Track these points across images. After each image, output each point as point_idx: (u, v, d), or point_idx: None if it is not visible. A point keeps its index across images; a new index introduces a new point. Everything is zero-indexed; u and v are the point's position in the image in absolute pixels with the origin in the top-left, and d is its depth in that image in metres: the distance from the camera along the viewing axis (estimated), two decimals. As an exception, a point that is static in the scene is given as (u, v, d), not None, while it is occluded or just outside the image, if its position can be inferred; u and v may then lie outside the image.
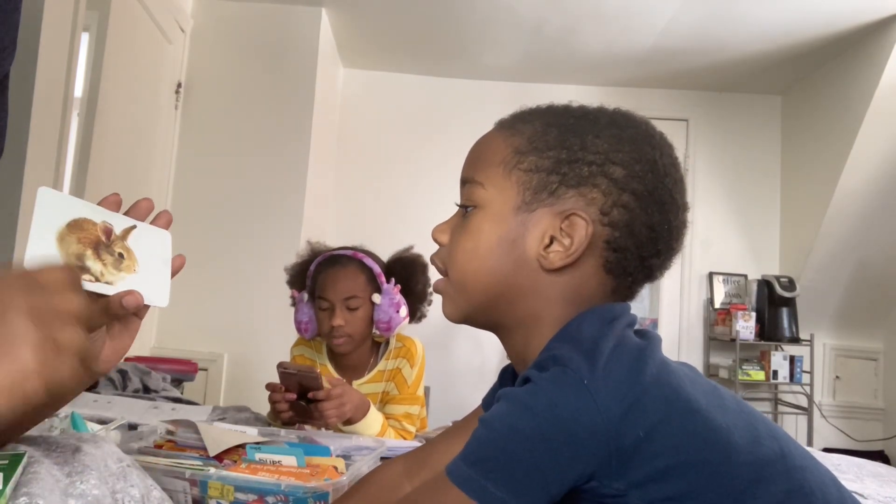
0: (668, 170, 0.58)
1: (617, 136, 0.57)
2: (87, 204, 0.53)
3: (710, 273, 3.52)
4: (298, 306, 1.44)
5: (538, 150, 0.58)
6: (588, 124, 0.59)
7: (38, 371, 0.39)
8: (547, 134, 0.58)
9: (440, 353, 3.24)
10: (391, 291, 1.39)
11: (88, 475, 0.47)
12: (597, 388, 0.48)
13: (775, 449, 0.52)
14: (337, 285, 1.37)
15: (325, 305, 1.38)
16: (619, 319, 0.55)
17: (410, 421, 1.41)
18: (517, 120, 0.62)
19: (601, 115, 0.60)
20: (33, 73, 1.71)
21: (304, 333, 1.44)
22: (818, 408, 3.35)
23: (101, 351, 0.55)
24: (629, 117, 0.61)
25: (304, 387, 1.21)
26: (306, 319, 1.42)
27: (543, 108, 0.62)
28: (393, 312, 1.38)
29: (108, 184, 2.23)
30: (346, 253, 1.42)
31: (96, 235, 0.52)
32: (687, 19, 2.78)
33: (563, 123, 0.59)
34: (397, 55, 3.40)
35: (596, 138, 0.57)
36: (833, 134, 3.07)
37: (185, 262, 0.59)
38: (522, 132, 0.60)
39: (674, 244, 0.60)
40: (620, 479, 0.48)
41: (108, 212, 0.55)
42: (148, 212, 0.58)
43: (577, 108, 0.61)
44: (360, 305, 1.37)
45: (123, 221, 0.55)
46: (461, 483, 0.49)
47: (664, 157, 0.58)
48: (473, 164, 0.62)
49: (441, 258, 0.64)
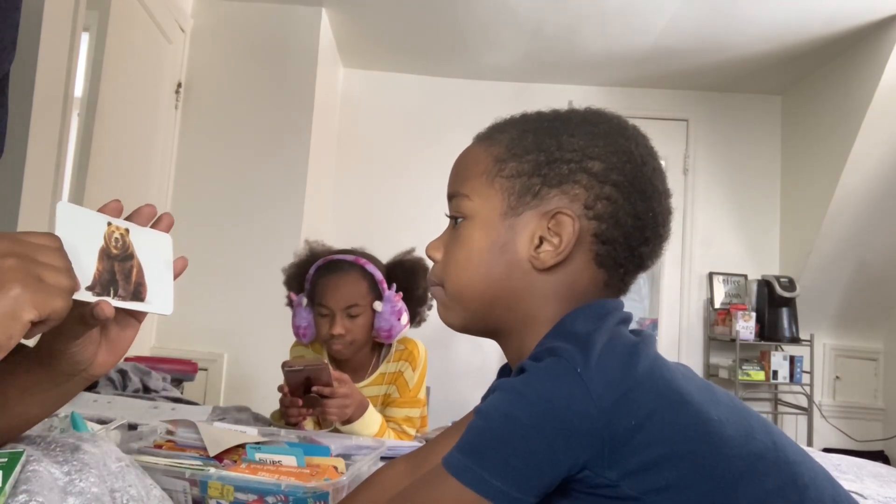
0: (644, 158, 0.60)
1: (591, 133, 0.59)
2: (100, 215, 0.53)
3: (710, 273, 3.52)
4: (297, 310, 1.40)
5: (517, 155, 0.60)
6: (562, 125, 0.60)
7: (30, 299, 0.42)
8: (524, 139, 0.60)
9: (440, 353, 3.23)
10: (393, 299, 1.36)
11: (87, 474, 0.47)
12: (590, 377, 0.49)
13: (768, 443, 0.53)
14: (338, 293, 1.33)
15: (324, 312, 1.35)
16: (612, 315, 0.56)
17: (411, 424, 1.40)
18: (494, 130, 0.64)
19: (573, 115, 0.62)
20: (33, 73, 1.71)
21: (303, 338, 1.41)
22: (818, 408, 3.35)
23: (95, 355, 0.55)
24: (601, 114, 0.62)
25: (312, 380, 1.21)
26: (305, 324, 1.38)
27: (518, 117, 0.64)
28: (394, 321, 1.35)
29: (108, 184, 2.23)
30: (348, 258, 1.38)
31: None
32: (687, 19, 2.78)
33: (538, 127, 0.61)
34: (397, 55, 3.40)
35: (571, 137, 0.59)
36: (833, 134, 3.07)
37: (187, 264, 0.59)
38: (500, 141, 0.62)
39: (661, 231, 0.61)
40: (613, 469, 0.49)
41: (123, 222, 0.54)
42: (151, 217, 0.58)
43: (550, 112, 0.63)
44: (360, 313, 1.34)
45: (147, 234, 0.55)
46: (457, 473, 0.50)
47: (640, 147, 0.60)
48: (457, 178, 0.64)
49: (436, 273, 0.65)
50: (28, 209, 1.71)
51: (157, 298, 0.55)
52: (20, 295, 0.42)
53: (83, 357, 0.54)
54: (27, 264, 0.44)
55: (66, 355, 0.53)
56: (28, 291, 0.43)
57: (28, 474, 0.44)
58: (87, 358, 0.54)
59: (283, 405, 1.25)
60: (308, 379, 1.21)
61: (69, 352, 0.53)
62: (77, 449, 0.50)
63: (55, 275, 0.45)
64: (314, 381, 1.21)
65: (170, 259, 0.58)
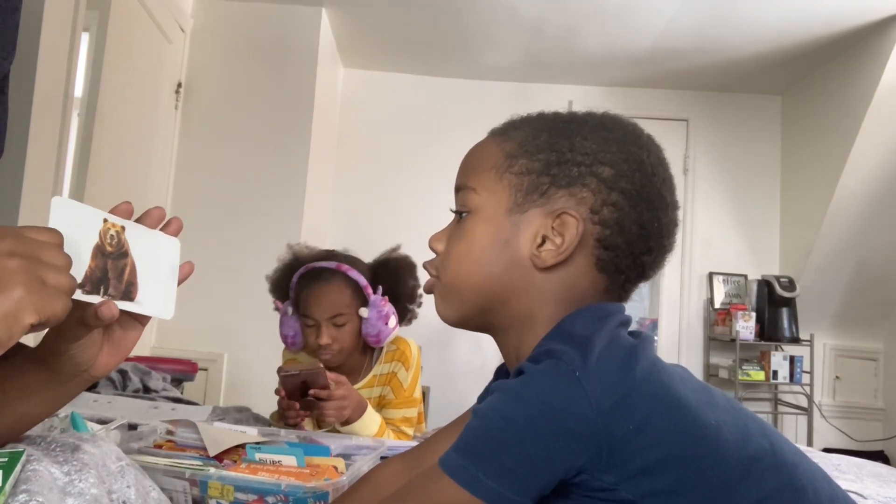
0: (655, 169, 0.59)
1: (605, 138, 0.59)
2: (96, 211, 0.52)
3: (710, 273, 3.52)
4: (283, 319, 1.38)
5: (529, 153, 0.59)
6: (577, 127, 0.60)
7: (32, 302, 0.42)
8: (537, 138, 0.60)
9: (440, 353, 3.24)
10: (379, 304, 1.33)
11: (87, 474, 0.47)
12: (588, 381, 0.49)
13: (765, 446, 0.53)
14: (321, 303, 1.30)
15: (310, 322, 1.32)
16: (611, 317, 0.56)
17: (408, 424, 1.39)
18: (509, 127, 0.64)
19: (590, 118, 0.62)
20: (33, 73, 1.71)
21: (291, 347, 1.38)
22: (818, 408, 3.35)
23: (97, 356, 0.55)
24: (617, 119, 0.62)
25: (309, 384, 1.21)
26: (292, 334, 1.36)
27: (534, 115, 0.64)
28: (381, 325, 1.33)
29: (108, 184, 2.23)
30: (330, 266, 1.34)
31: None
32: (687, 19, 2.78)
33: (553, 127, 0.61)
34: (397, 55, 3.40)
35: (584, 140, 0.58)
36: (833, 134, 3.07)
37: (193, 269, 0.59)
38: (513, 137, 0.61)
39: (665, 242, 0.61)
40: (610, 473, 0.49)
41: (119, 219, 0.54)
42: (160, 220, 0.57)
43: (567, 114, 0.63)
44: (346, 321, 1.32)
45: (132, 228, 0.55)
46: (453, 473, 0.50)
47: (651, 157, 0.60)
48: (466, 171, 0.64)
49: (434, 265, 0.65)
50: (28, 209, 1.71)
51: (157, 302, 0.55)
52: (23, 298, 0.42)
53: (85, 358, 0.54)
54: (31, 265, 0.43)
55: (67, 356, 0.53)
56: (31, 294, 0.42)
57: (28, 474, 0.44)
58: (89, 359, 0.54)
59: (281, 408, 1.24)
60: (304, 383, 1.21)
61: (70, 353, 0.53)
62: (77, 449, 0.50)
63: (57, 275, 0.45)
64: (311, 385, 1.20)
65: (176, 263, 0.57)
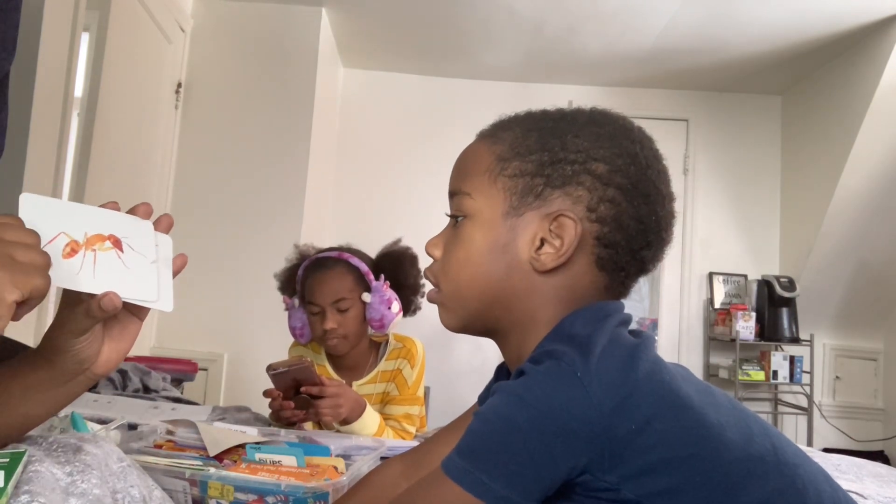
0: (649, 161, 0.59)
1: (596, 134, 0.58)
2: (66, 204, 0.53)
3: (710, 273, 3.52)
4: (291, 312, 1.43)
5: (520, 154, 0.59)
6: (567, 125, 0.60)
7: (10, 279, 0.42)
8: (527, 138, 0.59)
9: (440, 353, 3.24)
10: (381, 289, 1.38)
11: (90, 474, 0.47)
12: (590, 381, 0.48)
13: (767, 446, 0.53)
14: (324, 288, 1.36)
15: (315, 310, 1.37)
16: (611, 317, 0.56)
17: (410, 421, 1.41)
18: (497, 128, 0.63)
19: (579, 115, 0.61)
20: (33, 73, 1.71)
21: (300, 339, 1.43)
22: (818, 408, 3.35)
23: (98, 353, 0.55)
24: (607, 114, 0.62)
25: (300, 381, 1.21)
26: (300, 325, 1.41)
27: (522, 115, 0.63)
28: (384, 309, 1.37)
29: (108, 184, 2.23)
30: (332, 255, 1.41)
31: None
32: (687, 19, 2.78)
33: (543, 127, 0.60)
34: (397, 55, 3.40)
35: (575, 137, 0.58)
36: (833, 134, 3.07)
37: (186, 261, 0.59)
38: (504, 139, 0.61)
39: (664, 234, 0.60)
40: (613, 473, 0.49)
41: (108, 211, 0.55)
42: (146, 216, 0.58)
43: (555, 111, 0.62)
44: (350, 306, 1.36)
45: (123, 221, 0.55)
46: (456, 476, 0.50)
47: (645, 150, 0.59)
48: (459, 176, 0.63)
49: (434, 272, 0.64)
50: (28, 209, 1.71)
51: (157, 295, 0.55)
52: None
53: (87, 355, 0.54)
54: (2, 249, 0.43)
55: (70, 353, 0.54)
56: (4, 272, 0.42)
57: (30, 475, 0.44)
58: (91, 356, 0.55)
59: (273, 408, 1.23)
60: (295, 380, 1.21)
61: (73, 349, 0.53)
62: (79, 450, 0.50)
63: (26, 252, 0.45)
64: (302, 382, 1.21)
65: (170, 259, 0.58)
